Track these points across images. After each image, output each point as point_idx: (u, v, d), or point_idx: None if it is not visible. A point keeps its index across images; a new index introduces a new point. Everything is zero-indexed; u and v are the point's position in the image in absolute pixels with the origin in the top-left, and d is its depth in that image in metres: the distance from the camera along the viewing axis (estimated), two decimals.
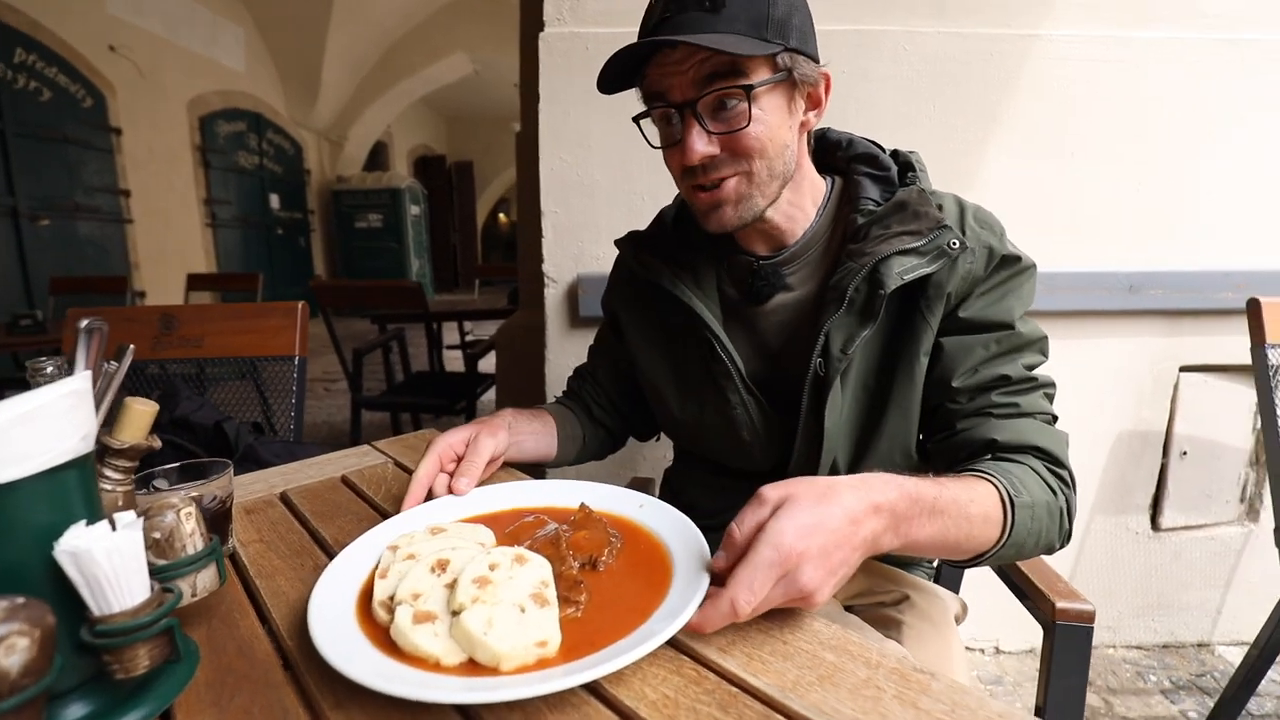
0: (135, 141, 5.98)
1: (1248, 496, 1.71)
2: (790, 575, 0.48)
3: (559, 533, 0.60)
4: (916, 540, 0.57)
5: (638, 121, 0.78)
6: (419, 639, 0.43)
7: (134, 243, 6.00)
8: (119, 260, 5.82)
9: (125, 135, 5.89)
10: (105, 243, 5.70)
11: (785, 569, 0.47)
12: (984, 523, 0.62)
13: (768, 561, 0.47)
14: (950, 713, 0.42)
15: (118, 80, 5.77)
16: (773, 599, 0.48)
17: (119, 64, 5.82)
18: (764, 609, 0.48)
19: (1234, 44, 1.46)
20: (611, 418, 1.04)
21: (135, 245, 6.01)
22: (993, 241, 0.75)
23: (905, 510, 0.56)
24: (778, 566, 0.47)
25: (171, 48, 6.40)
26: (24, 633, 0.35)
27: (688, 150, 0.70)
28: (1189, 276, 1.52)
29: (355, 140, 9.78)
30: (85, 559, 0.38)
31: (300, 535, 0.70)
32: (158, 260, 6.19)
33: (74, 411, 0.41)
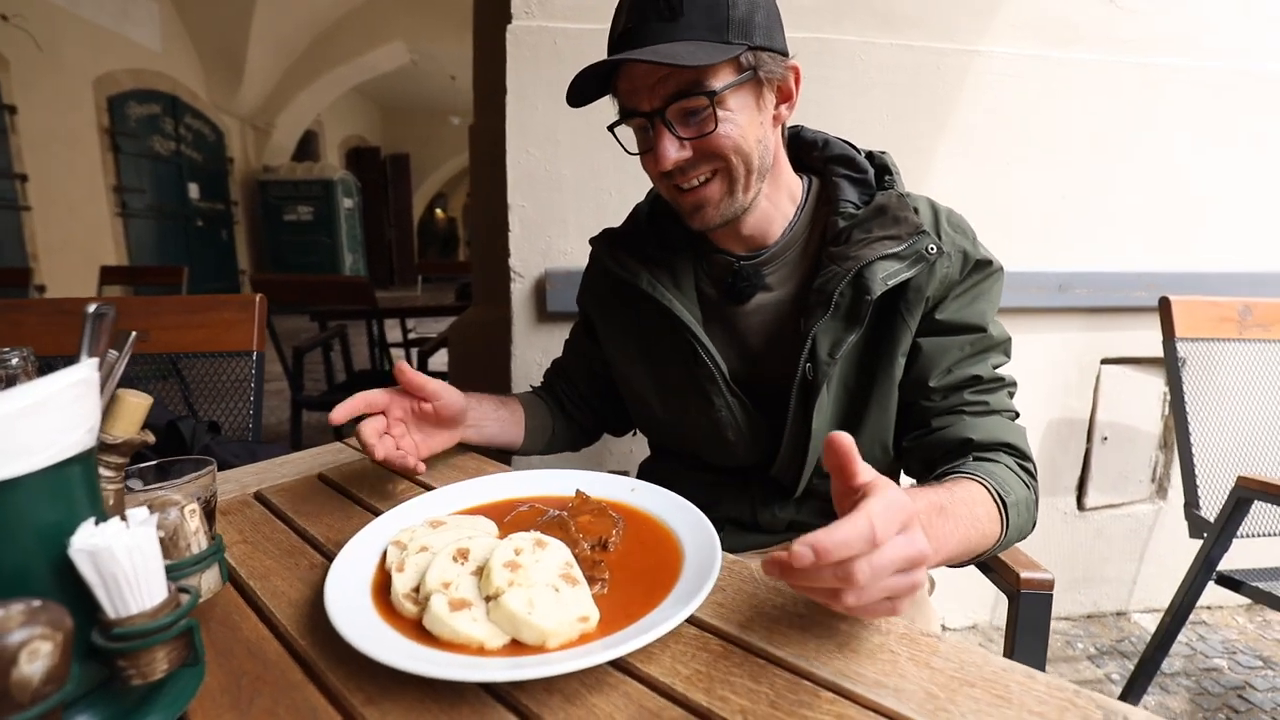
0: (32, 121, 5.46)
1: (1157, 477, 1.88)
2: (909, 532, 0.45)
3: (564, 518, 0.60)
4: (945, 546, 0.58)
5: (612, 130, 0.78)
6: (460, 624, 0.43)
7: (32, 232, 5.48)
8: (14, 251, 5.31)
9: (20, 114, 5.38)
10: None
11: (906, 518, 0.44)
12: (989, 522, 0.65)
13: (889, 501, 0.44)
14: (960, 670, 0.45)
15: (11, 53, 5.27)
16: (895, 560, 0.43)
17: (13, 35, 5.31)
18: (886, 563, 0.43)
19: (1144, 66, 1.60)
20: (585, 414, 1.04)
21: (34, 235, 5.49)
22: (966, 246, 0.78)
23: (936, 513, 0.58)
24: (898, 509, 0.44)
25: (75, 20, 5.89)
26: (46, 637, 0.32)
27: (661, 158, 0.71)
28: (1109, 277, 1.66)
29: (283, 128, 9.29)
30: (105, 557, 0.36)
31: (287, 534, 0.67)
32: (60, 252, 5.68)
33: (81, 402, 0.38)
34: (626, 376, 0.94)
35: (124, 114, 6.49)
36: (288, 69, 8.54)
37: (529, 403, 0.98)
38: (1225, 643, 1.83)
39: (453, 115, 12.14)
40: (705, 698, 0.43)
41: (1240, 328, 1.54)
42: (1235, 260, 1.74)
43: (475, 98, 2.28)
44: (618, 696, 0.43)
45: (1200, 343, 1.53)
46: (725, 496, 0.89)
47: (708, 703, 0.42)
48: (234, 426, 1.13)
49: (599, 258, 0.92)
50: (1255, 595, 1.33)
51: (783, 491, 0.87)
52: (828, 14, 1.47)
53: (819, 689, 0.44)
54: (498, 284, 2.22)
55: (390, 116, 13.27)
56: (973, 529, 0.62)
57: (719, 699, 0.43)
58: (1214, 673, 1.71)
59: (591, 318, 0.98)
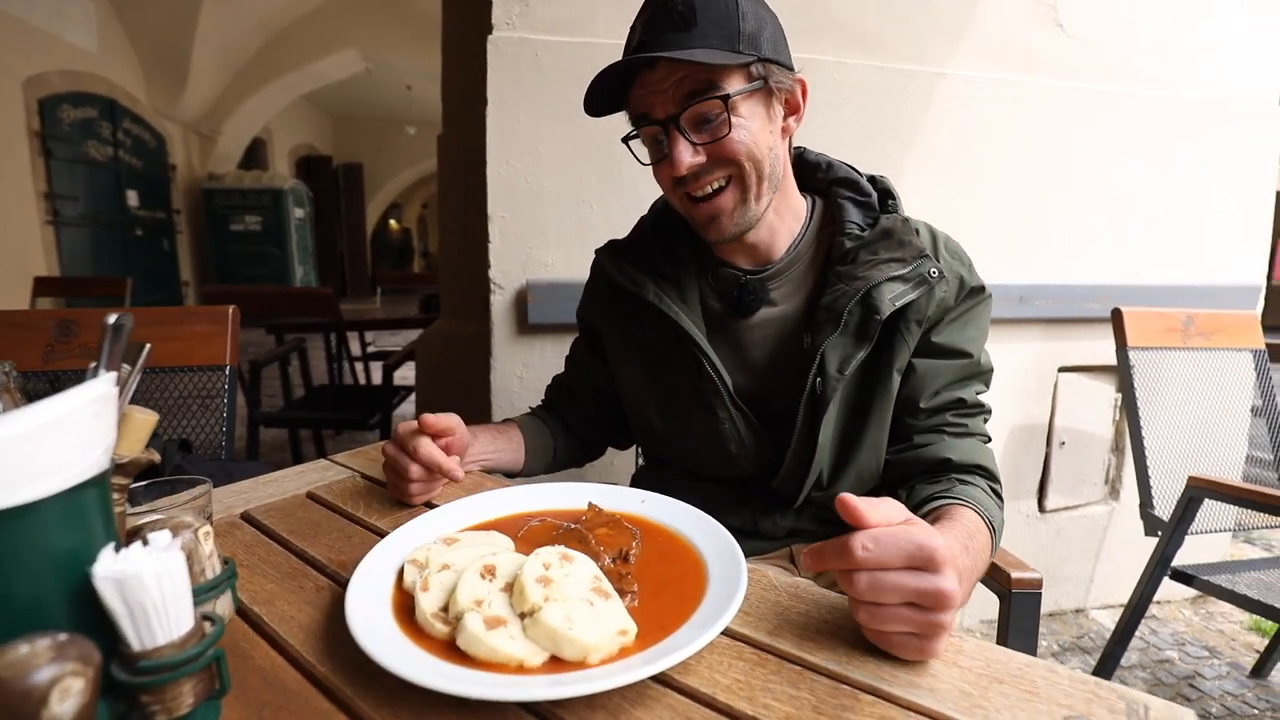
0: None
1: (1110, 479, 1.99)
2: (929, 572, 0.46)
3: (581, 531, 0.59)
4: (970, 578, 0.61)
5: (627, 142, 0.79)
6: (498, 643, 0.42)
7: None
8: None
9: None
10: None
11: (925, 559, 0.45)
12: (987, 548, 0.69)
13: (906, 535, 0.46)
14: (987, 668, 0.47)
15: None
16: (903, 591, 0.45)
17: None
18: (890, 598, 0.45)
19: (1096, 93, 1.71)
20: (589, 429, 1.04)
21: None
22: (963, 272, 0.81)
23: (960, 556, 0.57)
24: (919, 546, 0.45)
25: (3, 18, 5.57)
26: (78, 673, 0.30)
27: (676, 162, 0.72)
28: (1066, 289, 1.75)
29: (230, 135, 8.96)
30: (133, 585, 0.33)
31: (285, 556, 0.64)
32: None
33: (99, 420, 0.36)
34: (629, 388, 0.94)
35: (56, 117, 6.14)
36: (235, 74, 8.26)
37: (528, 426, 0.97)
38: (1175, 635, 1.93)
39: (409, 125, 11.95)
40: (749, 706, 0.43)
41: (1184, 337, 1.64)
42: (1179, 274, 1.86)
43: (444, 108, 2.25)
44: (662, 709, 0.42)
45: (1148, 351, 1.62)
46: (725, 506, 0.89)
47: (752, 711, 0.42)
48: (206, 444, 1.07)
49: (603, 268, 0.92)
50: (1205, 588, 1.41)
51: (782, 502, 0.88)
52: (803, 33, 1.52)
53: (858, 692, 0.44)
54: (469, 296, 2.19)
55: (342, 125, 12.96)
56: (983, 560, 0.66)
57: (762, 707, 0.43)
58: (1166, 664, 1.80)
59: (595, 329, 0.98)
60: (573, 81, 1.40)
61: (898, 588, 0.45)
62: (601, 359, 0.98)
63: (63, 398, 0.34)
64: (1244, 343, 1.70)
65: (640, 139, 0.78)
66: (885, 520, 0.48)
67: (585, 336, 1.02)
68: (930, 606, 0.45)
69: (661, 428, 0.91)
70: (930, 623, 0.45)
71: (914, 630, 0.46)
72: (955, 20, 1.61)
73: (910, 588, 0.45)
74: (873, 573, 0.45)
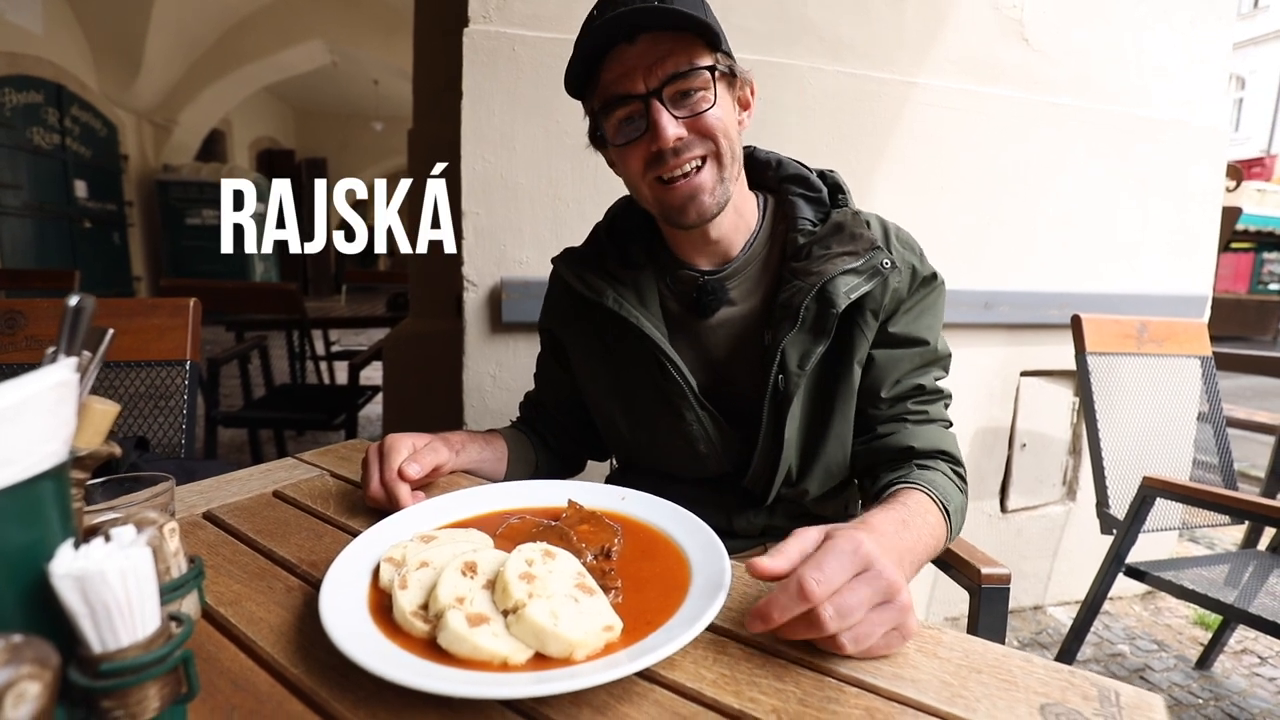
0: None
1: (1068, 480, 2.06)
2: (872, 572, 0.47)
3: (562, 528, 0.59)
4: (912, 555, 0.63)
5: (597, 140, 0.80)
6: (482, 640, 0.41)
7: None
8: None
9: None
10: None
11: (863, 563, 0.47)
12: (938, 528, 0.70)
13: (838, 549, 0.47)
14: (965, 658, 0.48)
15: None
16: (863, 599, 0.46)
17: None
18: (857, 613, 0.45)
19: (1056, 106, 1.77)
20: (566, 444, 1.02)
21: None
22: (915, 261, 0.83)
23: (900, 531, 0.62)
24: (851, 554, 0.47)
25: None
26: (34, 676, 0.28)
27: (661, 134, 0.71)
28: (1029, 296, 1.81)
29: (186, 126, 8.64)
30: (95, 583, 0.31)
31: (251, 556, 0.61)
32: None
33: (59, 408, 0.34)
34: (597, 398, 0.93)
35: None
36: (193, 62, 7.98)
37: (511, 437, 0.95)
38: (1126, 629, 2.01)
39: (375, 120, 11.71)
40: (736, 700, 0.42)
41: (1139, 343, 1.71)
42: (1134, 283, 1.94)
43: (415, 101, 2.22)
44: (649, 705, 0.42)
45: (1105, 357, 1.69)
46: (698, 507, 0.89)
47: (739, 705, 0.42)
48: (163, 443, 1.02)
49: (562, 276, 0.90)
50: (1156, 584, 1.46)
51: (755, 500, 0.88)
52: (779, 39, 1.54)
53: (843, 685, 0.44)
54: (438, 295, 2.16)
55: (306, 119, 12.64)
56: (930, 537, 0.67)
57: (749, 700, 0.42)
58: (1119, 657, 1.87)
59: (558, 339, 0.96)
60: (550, 77, 1.39)
61: (861, 601, 0.46)
62: (568, 370, 0.97)
63: (19, 383, 0.32)
64: (1193, 350, 1.78)
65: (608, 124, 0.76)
66: (805, 552, 0.50)
67: (550, 349, 1.00)
68: (891, 598, 0.47)
69: (630, 433, 0.91)
70: (899, 610, 0.47)
71: (889, 625, 0.47)
72: (926, 31, 1.65)
73: (866, 589, 0.46)
74: (833, 599, 0.45)
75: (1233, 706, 1.67)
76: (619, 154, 0.78)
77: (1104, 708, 0.43)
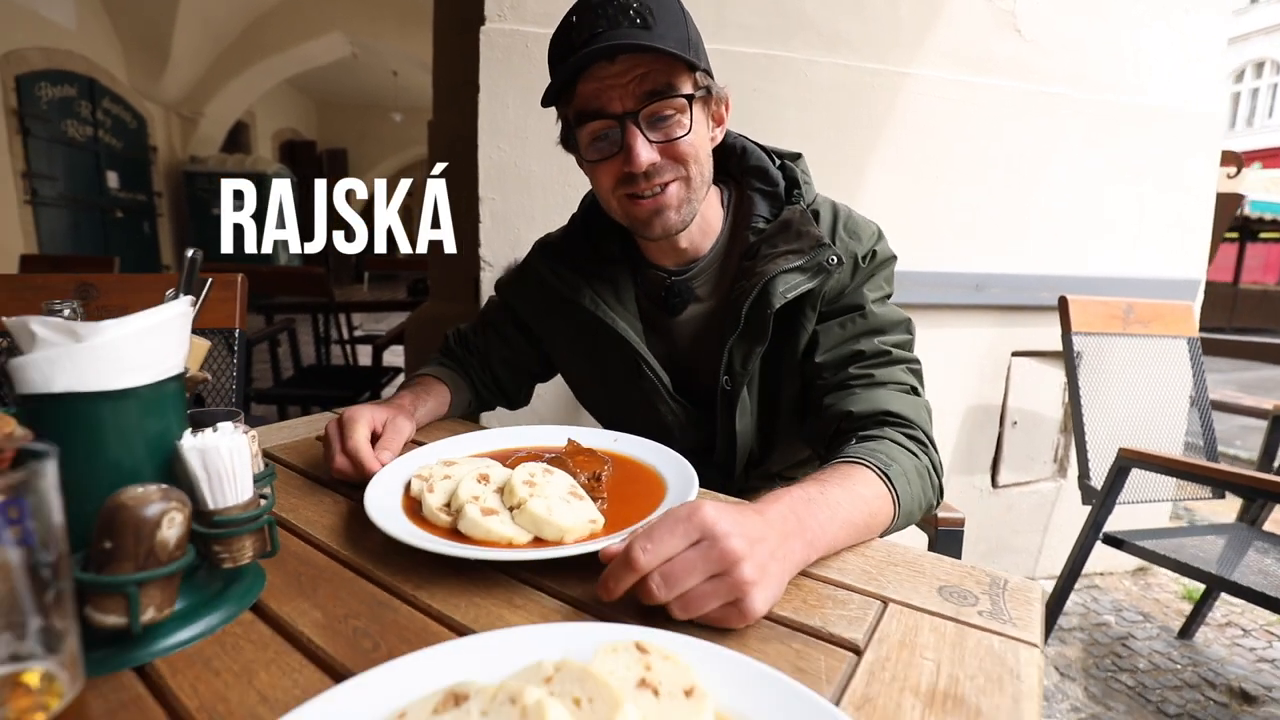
0: None
1: (1059, 457, 2.13)
2: (706, 542, 0.44)
3: (562, 457, 0.70)
4: (826, 533, 0.54)
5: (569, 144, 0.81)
6: (493, 525, 0.52)
7: None
8: None
9: None
10: None
11: (701, 532, 0.45)
12: (876, 499, 0.62)
13: (671, 520, 0.46)
14: (887, 556, 0.58)
15: None
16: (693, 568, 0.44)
17: None
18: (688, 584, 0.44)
19: (1047, 95, 1.83)
20: (492, 394, 1.05)
21: None
22: (857, 249, 0.82)
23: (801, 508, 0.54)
24: (685, 523, 0.45)
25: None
26: (179, 509, 0.40)
27: (635, 157, 0.72)
28: (1019, 279, 1.88)
29: (212, 118, 8.87)
30: (212, 454, 0.43)
31: (303, 481, 0.74)
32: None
33: (180, 332, 0.46)
34: (576, 383, 1.00)
35: (34, 95, 6.05)
36: (218, 55, 8.17)
37: (450, 381, 0.99)
38: (1114, 602, 2.09)
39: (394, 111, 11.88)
40: None
41: (1124, 324, 1.78)
42: (1125, 267, 2.00)
43: (435, 94, 2.33)
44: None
45: (1093, 337, 1.76)
46: None
47: None
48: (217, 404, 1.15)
49: (537, 269, 0.93)
50: (1135, 551, 1.54)
51: (727, 472, 0.93)
52: (777, 32, 1.62)
53: None
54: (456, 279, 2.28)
55: (327, 110, 12.84)
56: (857, 509, 0.59)
57: None
58: (1103, 627, 1.95)
59: (528, 323, 1.00)
60: None
61: (689, 568, 0.44)
62: (530, 340, 1.01)
63: (155, 311, 0.43)
64: (1179, 330, 1.84)
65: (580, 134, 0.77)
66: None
67: (509, 314, 1.02)
68: (727, 569, 0.44)
69: (610, 415, 0.98)
70: (734, 583, 0.44)
71: (724, 599, 0.44)
72: (921, 23, 1.72)
73: (700, 561, 0.44)
74: (661, 568, 0.44)
75: (1209, 672, 1.75)
76: (590, 168, 0.80)
77: (992, 590, 0.53)
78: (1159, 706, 1.61)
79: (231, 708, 0.38)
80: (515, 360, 1.03)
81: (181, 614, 0.44)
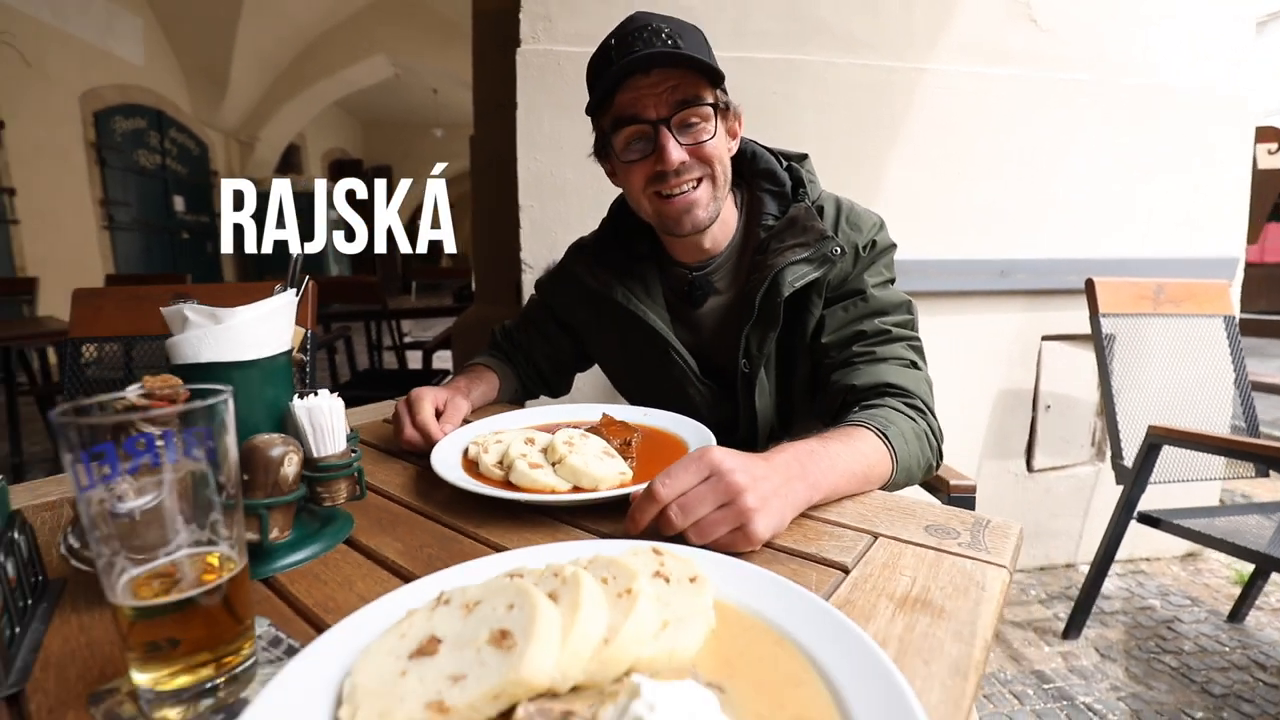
0: (19, 136, 5.53)
1: (1096, 441, 2.12)
2: (715, 477, 0.52)
3: (598, 426, 0.79)
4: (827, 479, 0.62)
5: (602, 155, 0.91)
6: (538, 476, 0.62)
7: (20, 245, 5.56)
8: (3, 264, 5.38)
9: (8, 129, 5.44)
10: None
11: (710, 469, 0.53)
12: (875, 453, 0.69)
13: (686, 461, 0.54)
14: (883, 502, 0.66)
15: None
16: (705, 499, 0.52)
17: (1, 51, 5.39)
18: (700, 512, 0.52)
19: (1065, 82, 1.85)
20: (535, 384, 1.17)
21: (22, 248, 5.57)
22: (859, 240, 0.89)
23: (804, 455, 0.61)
24: (697, 462, 0.53)
25: (61, 36, 5.96)
26: (296, 451, 0.51)
27: (667, 156, 0.82)
28: (1046, 263, 1.89)
29: (267, 142, 9.39)
30: (316, 411, 0.54)
31: (374, 452, 0.85)
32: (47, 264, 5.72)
33: (288, 318, 0.57)
34: (611, 371, 1.10)
35: (110, 128, 6.55)
36: (271, 83, 8.65)
37: (499, 369, 1.10)
38: (1160, 587, 2.06)
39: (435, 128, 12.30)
40: None
41: (1155, 304, 1.78)
42: (1156, 248, 1.99)
43: (475, 111, 2.48)
44: None
45: (1124, 318, 1.76)
46: None
47: None
48: None
49: (574, 269, 1.04)
50: (1175, 530, 1.52)
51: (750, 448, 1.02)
52: (794, 37, 1.69)
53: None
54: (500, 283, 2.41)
55: (371, 129, 13.38)
56: (856, 460, 0.66)
57: None
58: (1147, 610, 1.93)
59: (568, 320, 1.10)
60: None
61: (701, 498, 0.52)
62: (569, 335, 1.11)
63: (272, 300, 0.55)
64: (1214, 309, 1.82)
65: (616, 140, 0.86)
66: None
67: (549, 312, 1.13)
68: (733, 499, 0.52)
69: (640, 397, 1.07)
70: (739, 510, 0.52)
71: (731, 525, 0.52)
72: (934, 20, 1.76)
73: (710, 493, 0.52)
74: (679, 500, 0.52)
75: (1260, 655, 1.72)
76: (624, 169, 0.88)
77: (974, 528, 0.60)
78: (1203, 686, 1.60)
79: (339, 604, 0.48)
80: (555, 353, 1.14)
81: (293, 541, 0.55)
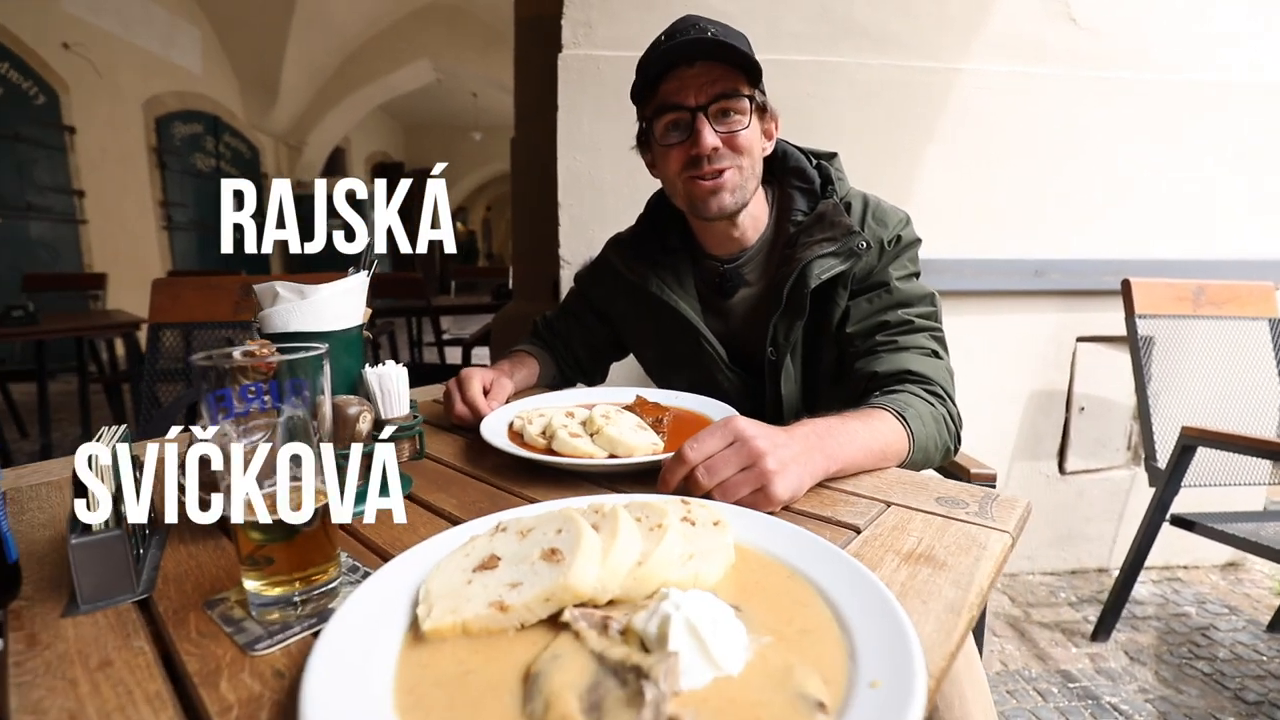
0: (89, 141, 5.88)
1: (1132, 444, 2.09)
2: (738, 443, 0.58)
3: (631, 406, 0.85)
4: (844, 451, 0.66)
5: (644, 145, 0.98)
6: (579, 444, 0.69)
7: (88, 244, 5.91)
8: (72, 261, 5.72)
9: (79, 134, 5.79)
10: (58, 243, 5.61)
11: (734, 436, 0.59)
12: (891, 432, 0.74)
13: (713, 428, 0.60)
14: (899, 478, 0.70)
15: (71, 78, 5.68)
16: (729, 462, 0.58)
17: (73, 62, 5.73)
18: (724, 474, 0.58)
19: (1104, 80, 1.84)
20: (573, 371, 1.23)
21: (90, 246, 5.92)
22: (884, 235, 0.94)
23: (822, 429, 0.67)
24: (722, 429, 0.59)
25: (127, 47, 6.32)
26: (369, 411, 0.58)
27: (702, 140, 0.87)
28: (1081, 264, 1.89)
29: (314, 145, 9.75)
30: (385, 377, 0.62)
31: (430, 428, 0.93)
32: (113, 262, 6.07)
33: (360, 296, 0.65)
34: (646, 360, 1.16)
35: (170, 133, 6.92)
36: (319, 90, 8.98)
37: (540, 356, 1.17)
38: (1197, 595, 2.02)
39: (474, 131, 12.57)
40: None
41: (1194, 306, 1.76)
42: (1194, 249, 1.96)
43: (516, 114, 2.57)
44: None
45: (1162, 319, 1.75)
46: None
47: None
48: None
49: (611, 261, 1.10)
50: (1210, 534, 1.51)
51: None
52: (827, 39, 1.73)
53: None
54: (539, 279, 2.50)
55: (413, 133, 13.74)
56: (874, 437, 0.71)
57: None
58: (1182, 617, 1.90)
59: (604, 309, 1.17)
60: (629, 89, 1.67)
61: (726, 461, 0.58)
62: (606, 324, 1.17)
63: (344, 280, 0.62)
64: (1258, 311, 1.79)
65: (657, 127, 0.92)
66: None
67: (588, 303, 1.19)
68: (753, 463, 0.58)
69: (673, 384, 1.11)
70: (759, 472, 0.58)
71: (753, 485, 0.58)
72: (969, 19, 1.78)
73: (733, 456, 0.58)
74: (705, 463, 0.58)
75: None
76: (662, 152, 0.94)
77: (984, 501, 0.64)
78: (1237, 693, 1.58)
79: (405, 544, 0.55)
80: (593, 342, 1.21)
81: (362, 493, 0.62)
